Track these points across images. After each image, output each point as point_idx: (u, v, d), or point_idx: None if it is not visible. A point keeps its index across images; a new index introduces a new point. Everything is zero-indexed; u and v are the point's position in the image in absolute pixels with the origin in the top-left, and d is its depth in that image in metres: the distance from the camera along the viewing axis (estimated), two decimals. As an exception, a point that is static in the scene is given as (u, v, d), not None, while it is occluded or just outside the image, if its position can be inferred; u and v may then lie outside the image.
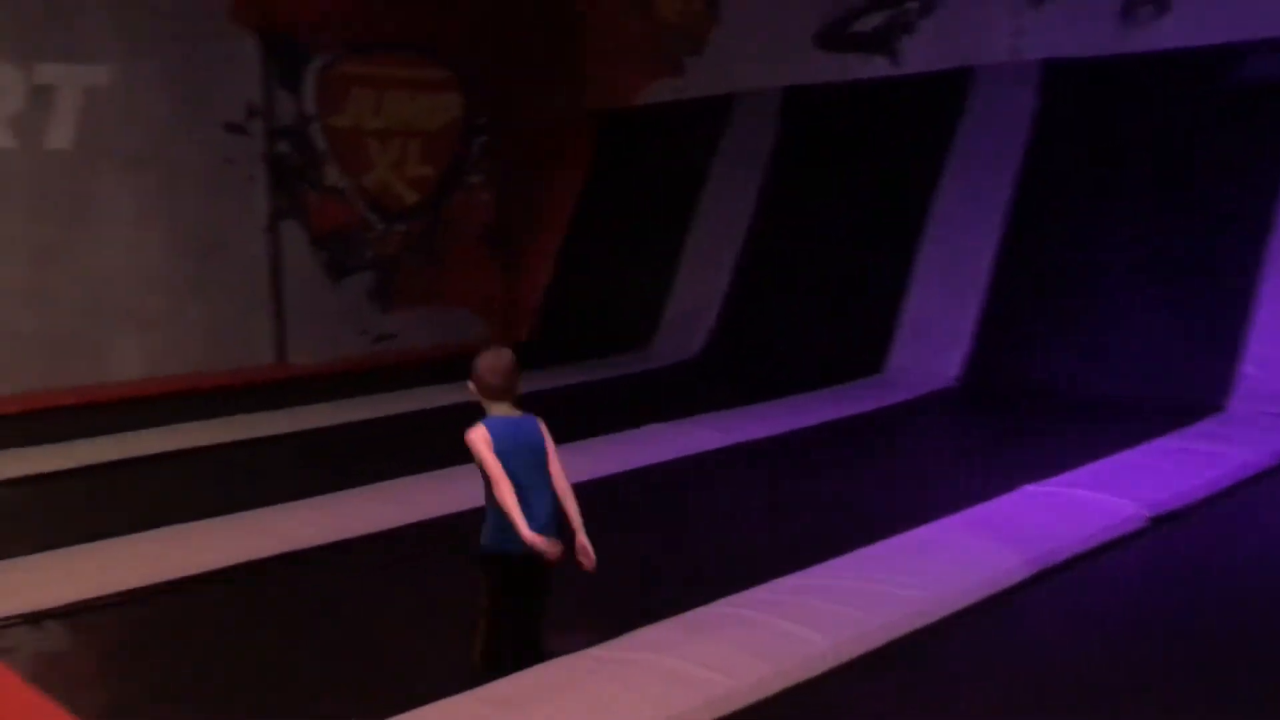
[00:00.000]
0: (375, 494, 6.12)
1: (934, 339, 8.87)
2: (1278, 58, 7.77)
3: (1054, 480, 5.70)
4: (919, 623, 4.09)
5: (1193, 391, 7.47)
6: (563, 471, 3.74)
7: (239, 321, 10.19)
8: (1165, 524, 5.25)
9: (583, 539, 3.67)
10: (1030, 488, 5.63)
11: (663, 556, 5.14)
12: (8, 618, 4.44)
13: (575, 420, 7.88)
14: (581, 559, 3.64)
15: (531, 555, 3.50)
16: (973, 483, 5.93)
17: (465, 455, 5.94)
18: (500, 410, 3.73)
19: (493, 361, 3.72)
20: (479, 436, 3.61)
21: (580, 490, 5.60)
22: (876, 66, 10.09)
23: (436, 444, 7.49)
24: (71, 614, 4.55)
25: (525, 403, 9.07)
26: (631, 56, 12.01)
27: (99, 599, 4.67)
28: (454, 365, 10.29)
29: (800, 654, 3.73)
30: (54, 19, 9.03)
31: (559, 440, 3.82)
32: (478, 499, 3.74)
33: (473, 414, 3.73)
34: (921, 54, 9.77)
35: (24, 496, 6.49)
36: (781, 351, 9.84)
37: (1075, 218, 8.55)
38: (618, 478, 6.39)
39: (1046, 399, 7.89)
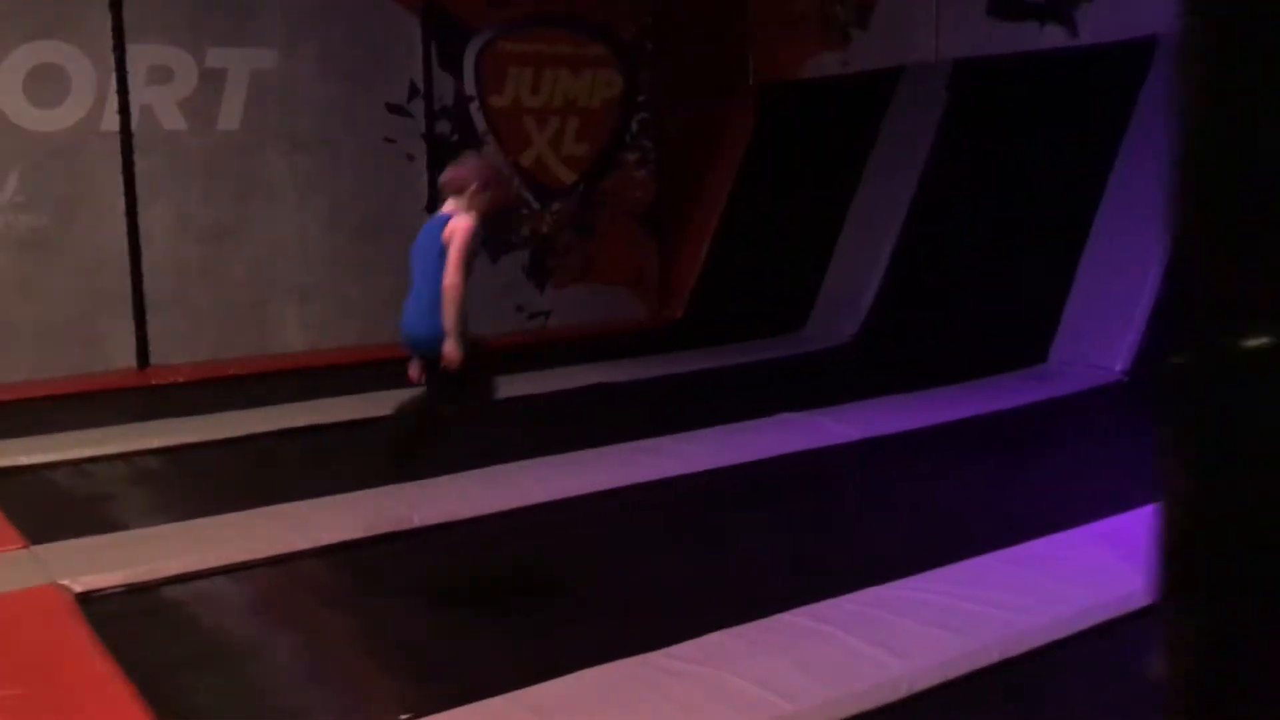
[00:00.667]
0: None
1: (1102, 328, 8.27)
2: None
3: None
4: (1013, 649, 3.76)
5: None
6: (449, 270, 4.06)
7: (399, 299, 10.37)
8: None
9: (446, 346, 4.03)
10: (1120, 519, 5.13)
11: (754, 556, 4.93)
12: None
13: (715, 404, 7.84)
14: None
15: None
16: (1119, 490, 5.48)
17: (611, 434, 6.58)
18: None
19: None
20: None
21: (691, 481, 5.43)
22: (1051, 37, 9.44)
23: (580, 421, 7.76)
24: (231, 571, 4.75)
25: (671, 383, 9.10)
26: (797, 28, 11.67)
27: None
28: (606, 343, 10.62)
29: (870, 679, 3.48)
30: (223, 5, 9.41)
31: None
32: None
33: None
34: (1100, 23, 9.08)
35: (188, 463, 6.74)
36: (940, 336, 9.39)
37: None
38: (736, 469, 6.24)
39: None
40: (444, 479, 5.90)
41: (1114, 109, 8.75)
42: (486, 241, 10.83)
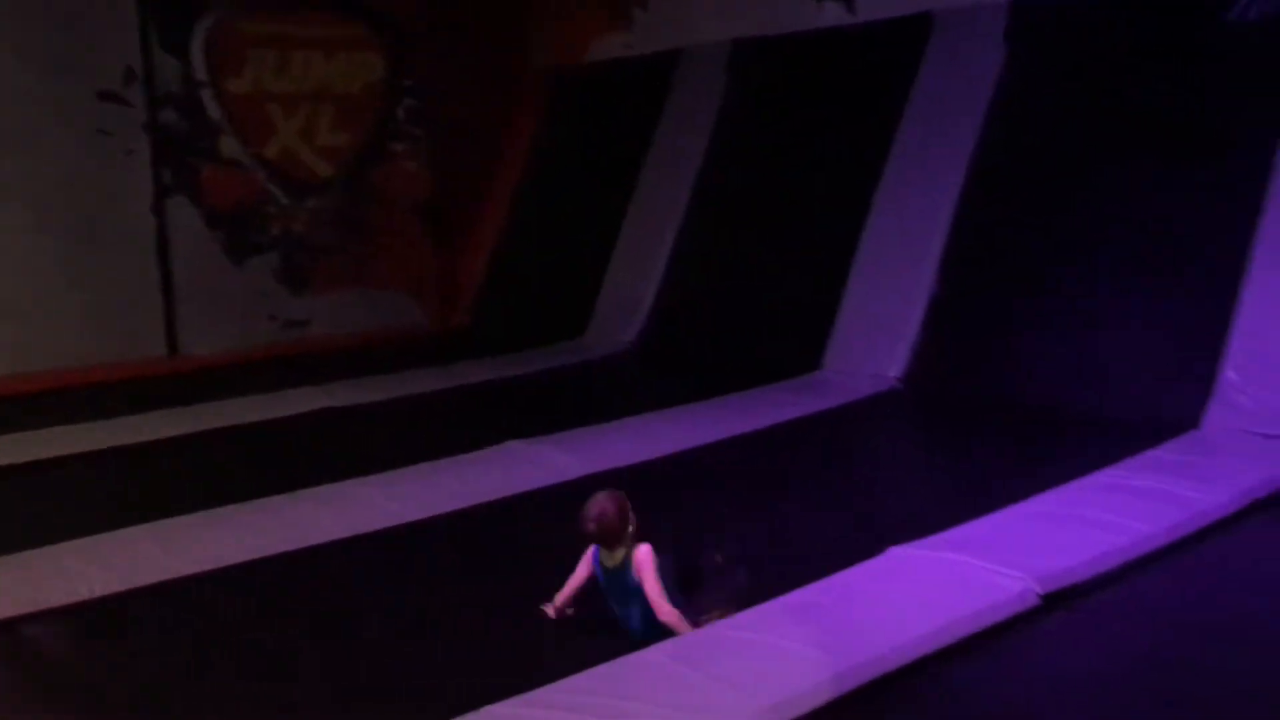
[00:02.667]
0: (279, 506, 5.35)
1: (876, 333, 7.62)
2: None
3: (931, 541, 4.47)
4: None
5: (1164, 403, 6.17)
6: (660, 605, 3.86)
7: (122, 310, 9.23)
8: (1064, 605, 4.03)
9: None
10: (898, 550, 4.42)
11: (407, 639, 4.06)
12: None
13: (449, 430, 6.96)
14: None
15: None
16: (861, 529, 4.80)
17: (393, 458, 5.93)
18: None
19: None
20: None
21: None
22: (831, 14, 8.78)
23: (359, 444, 6.80)
24: None
25: (454, 398, 7.95)
26: (580, 9, 10.81)
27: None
28: (381, 354, 9.63)
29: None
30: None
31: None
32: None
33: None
34: (877, 0, 8.45)
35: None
36: (716, 342, 8.66)
37: (1038, 194, 7.21)
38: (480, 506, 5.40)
39: (992, 408, 6.63)
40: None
41: (891, 92, 8.11)
42: (228, 246, 9.81)
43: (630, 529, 3.98)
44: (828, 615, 3.86)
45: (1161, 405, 6.13)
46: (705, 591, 4.07)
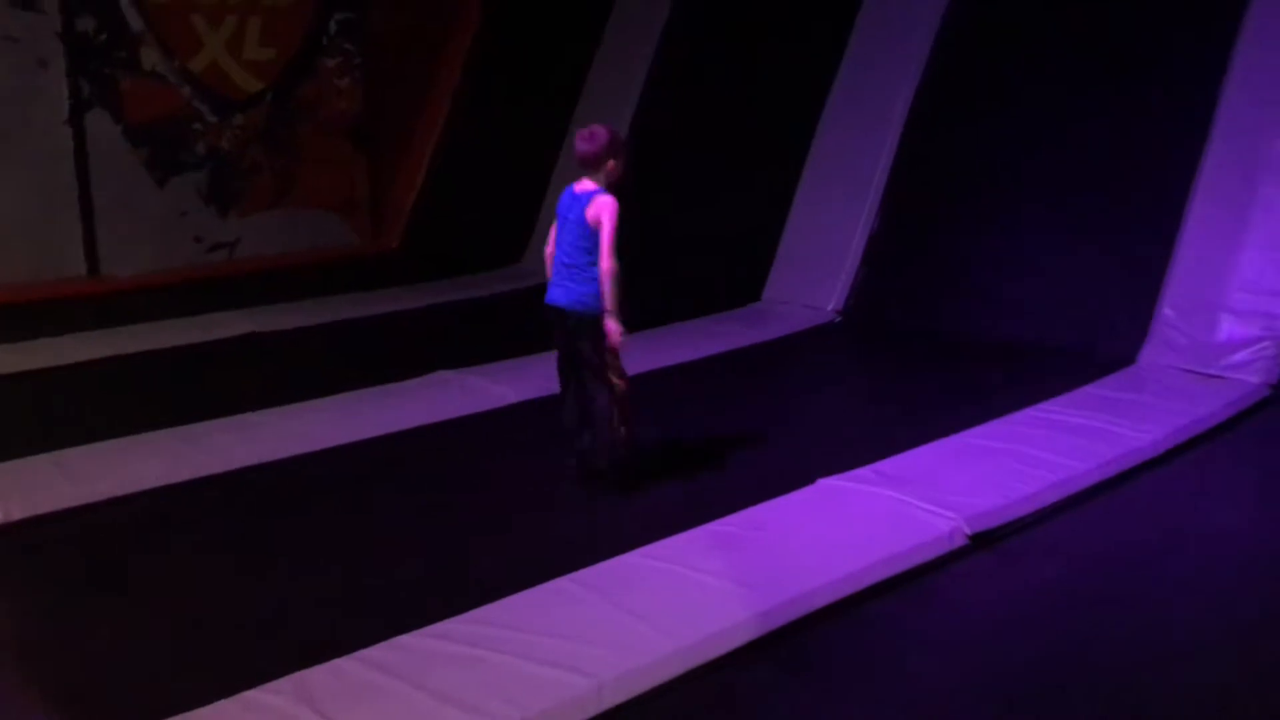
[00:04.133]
0: (210, 432, 5.17)
1: (816, 265, 7.51)
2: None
3: (862, 473, 4.41)
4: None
5: (1100, 339, 6.14)
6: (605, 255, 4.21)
7: (38, 228, 8.84)
8: (992, 544, 3.99)
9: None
10: (828, 481, 4.36)
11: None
12: None
13: (379, 359, 6.78)
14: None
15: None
16: (792, 460, 4.72)
17: (317, 387, 5.84)
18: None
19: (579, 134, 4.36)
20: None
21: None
22: (777, -65, 8.52)
23: (284, 372, 6.58)
24: None
25: (384, 323, 7.68)
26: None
27: None
28: (310, 276, 9.36)
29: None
30: None
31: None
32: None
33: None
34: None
35: None
36: (658, 271, 8.48)
37: (980, 129, 7.08)
38: (406, 433, 5.27)
39: (929, 343, 6.58)
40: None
41: (840, 11, 7.90)
42: (151, 163, 9.42)
43: (611, 164, 4.28)
44: (753, 548, 3.79)
45: (1098, 341, 6.11)
46: None
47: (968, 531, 3.95)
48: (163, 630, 3.51)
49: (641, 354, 6.43)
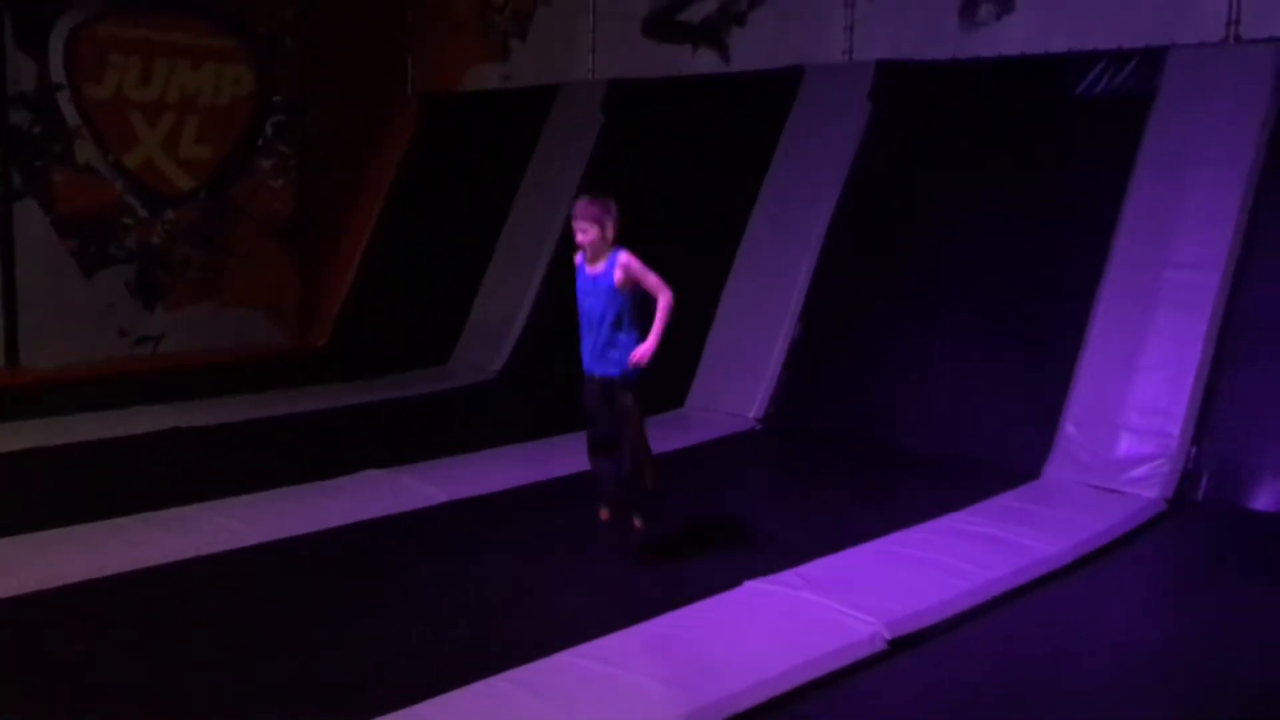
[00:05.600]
0: (133, 527, 5.14)
1: (737, 374, 7.75)
2: (1124, 70, 6.76)
3: (785, 576, 4.57)
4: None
5: (1008, 452, 6.43)
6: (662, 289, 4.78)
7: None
8: (910, 649, 4.15)
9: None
10: (753, 584, 4.50)
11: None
12: None
13: (305, 455, 6.79)
14: None
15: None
16: (716, 563, 4.85)
17: (243, 483, 5.85)
18: None
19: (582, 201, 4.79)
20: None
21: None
22: (704, 62, 8.97)
23: (209, 468, 6.54)
24: None
25: (310, 421, 7.63)
26: (458, 35, 10.80)
27: None
28: (235, 373, 9.33)
29: None
30: None
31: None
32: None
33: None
34: (751, 49, 8.67)
35: None
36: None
37: (896, 247, 7.48)
38: (333, 531, 5.29)
39: (848, 450, 6.82)
40: None
41: (762, 137, 8.31)
42: (80, 255, 9.41)
43: (611, 225, 4.66)
44: (681, 649, 3.90)
45: (1007, 453, 6.40)
46: None
47: (887, 636, 4.11)
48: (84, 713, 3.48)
49: (569, 459, 6.59)
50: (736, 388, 7.72)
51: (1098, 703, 3.82)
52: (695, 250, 8.47)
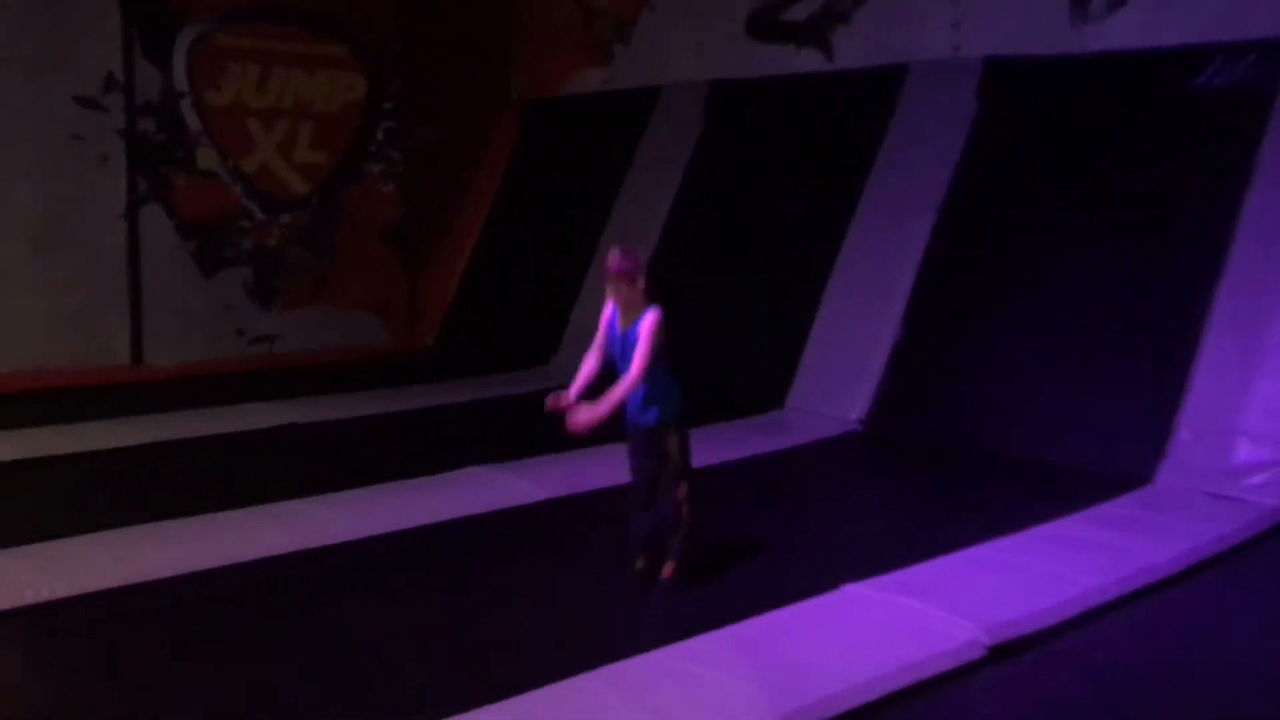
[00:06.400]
0: (245, 520, 5.32)
1: (839, 375, 7.69)
2: (1242, 65, 6.52)
3: (884, 580, 4.52)
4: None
5: (1118, 457, 6.25)
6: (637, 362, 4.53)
7: (88, 316, 9.17)
8: (1010, 656, 4.07)
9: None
10: (852, 588, 4.47)
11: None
12: None
13: (410, 452, 6.95)
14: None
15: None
16: (815, 566, 4.83)
17: (350, 479, 6.00)
18: None
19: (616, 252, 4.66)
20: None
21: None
22: (807, 61, 8.91)
23: (320, 463, 6.78)
24: None
25: (416, 419, 7.81)
26: (560, 42, 10.91)
27: None
28: (345, 372, 9.60)
29: None
30: None
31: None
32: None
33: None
34: (855, 47, 8.58)
35: None
36: (684, 376, 8.69)
37: (1006, 243, 7.32)
38: (436, 526, 5.41)
39: (950, 454, 6.71)
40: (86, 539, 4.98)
41: (865, 138, 8.23)
42: (200, 258, 9.77)
43: (641, 280, 4.57)
44: (774, 651, 3.89)
45: (1117, 459, 6.22)
46: None
47: (986, 642, 4.04)
48: (187, 707, 3.63)
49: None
50: (838, 390, 7.66)
51: (1203, 716, 3.70)
52: (796, 250, 8.45)
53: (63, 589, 4.46)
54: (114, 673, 3.95)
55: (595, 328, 10.12)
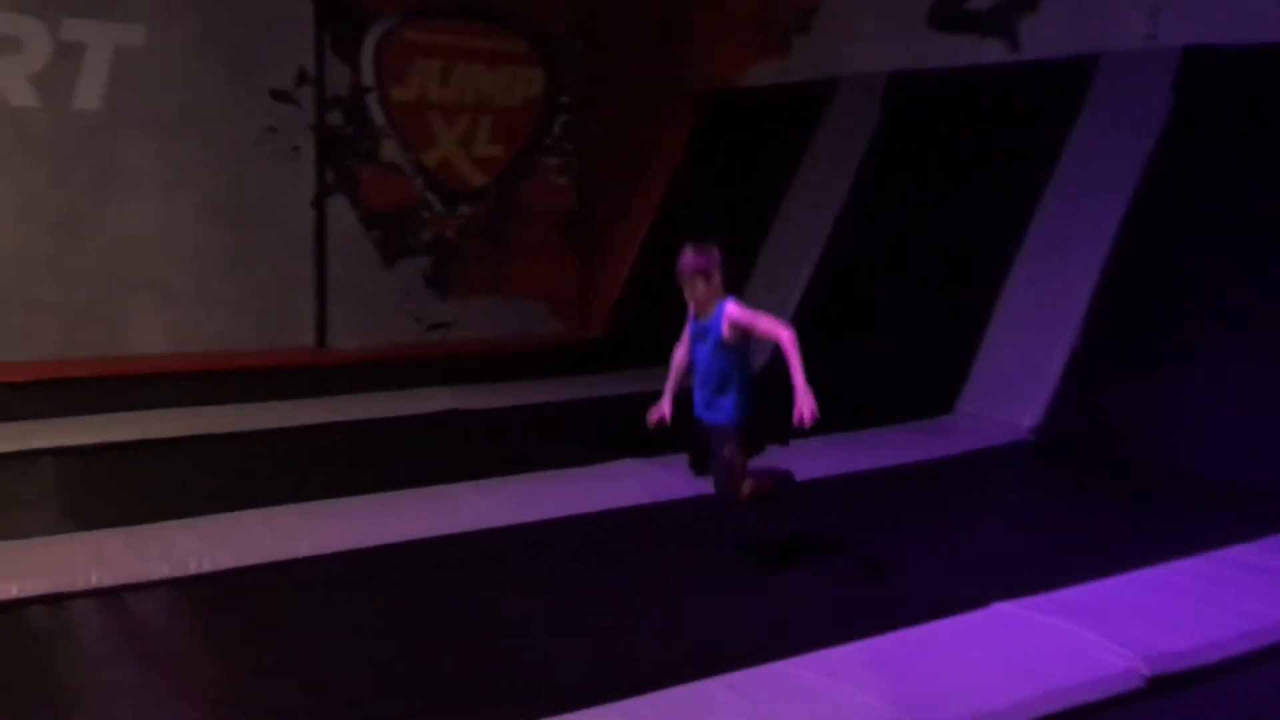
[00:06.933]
0: (401, 502, 5.51)
1: (1013, 381, 7.34)
2: None
3: (1038, 601, 4.27)
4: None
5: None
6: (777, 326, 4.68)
7: (276, 301, 9.64)
8: (1171, 690, 3.78)
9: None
10: (1003, 606, 4.24)
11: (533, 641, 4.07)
12: None
13: (572, 441, 7.01)
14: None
15: None
16: (966, 580, 4.62)
17: (515, 464, 6.20)
18: None
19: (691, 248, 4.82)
20: None
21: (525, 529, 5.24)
22: (991, 52, 8.53)
23: (488, 448, 6.99)
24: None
25: (579, 410, 8.04)
26: (737, 33, 10.81)
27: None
28: (514, 360, 9.80)
29: None
30: (82, -28, 8.64)
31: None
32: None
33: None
34: (1043, 37, 8.17)
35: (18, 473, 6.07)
36: (847, 375, 8.47)
37: (1196, 249, 6.83)
38: (564, 521, 5.43)
39: (1126, 469, 6.31)
40: (263, 513, 5.23)
41: (1050, 134, 7.83)
42: (381, 244, 10.13)
43: (718, 276, 4.65)
44: (910, 668, 3.72)
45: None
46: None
47: (1145, 673, 3.76)
48: (336, 680, 3.73)
49: (824, 459, 6.48)
50: (1010, 396, 7.31)
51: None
52: (971, 250, 8.11)
53: (225, 560, 4.68)
54: (270, 643, 4.11)
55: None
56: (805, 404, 4.42)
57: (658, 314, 10.51)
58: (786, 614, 4.38)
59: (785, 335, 4.51)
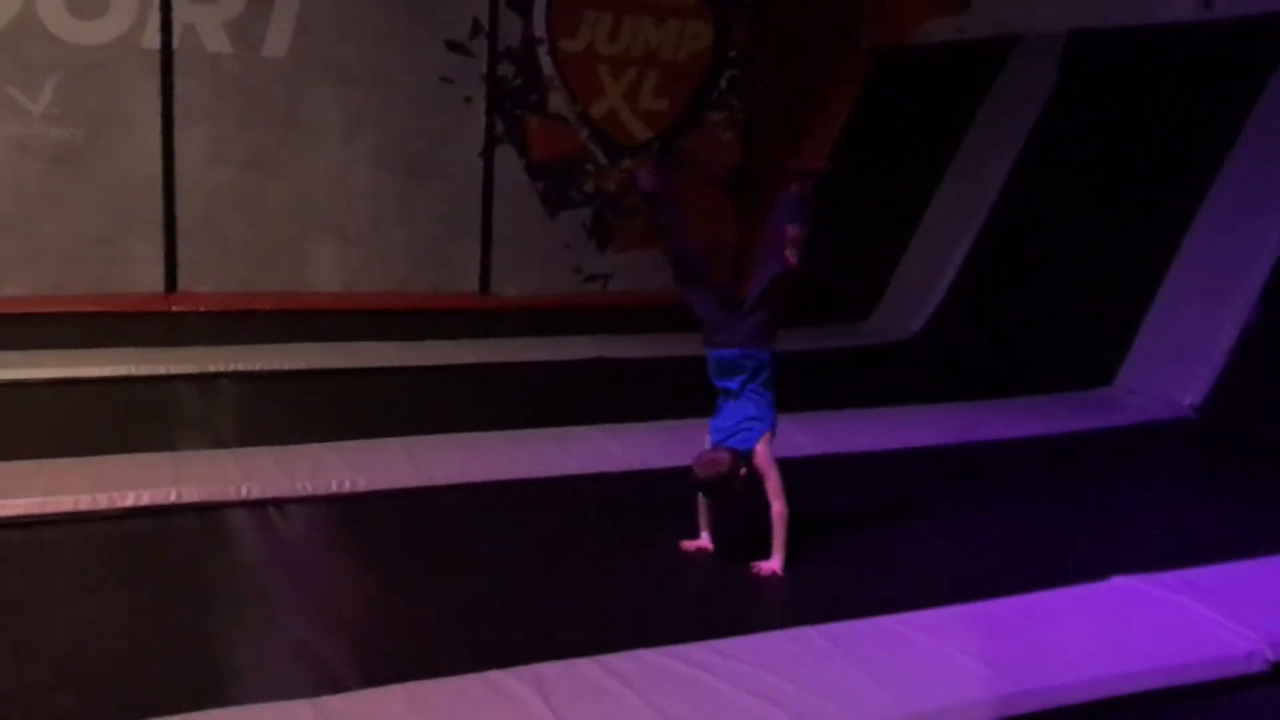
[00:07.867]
0: (528, 440, 5.72)
1: (1178, 355, 7.01)
2: None
3: (1163, 577, 4.11)
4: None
5: None
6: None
7: (444, 246, 10.00)
8: (1299, 675, 3.60)
9: None
10: (1124, 580, 4.10)
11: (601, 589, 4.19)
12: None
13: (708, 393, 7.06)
14: None
15: None
16: (1094, 553, 4.51)
17: (666, 409, 6.32)
18: None
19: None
20: None
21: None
22: (1181, 8, 8.07)
23: (636, 393, 7.16)
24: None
25: (679, 365, 8.18)
26: (916, -11, 10.52)
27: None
28: (668, 313, 9.87)
29: None
30: (273, -75, 9.06)
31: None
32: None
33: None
34: (1238, -7, 7.68)
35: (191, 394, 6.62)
36: (1005, 341, 8.26)
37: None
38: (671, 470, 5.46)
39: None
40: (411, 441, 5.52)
41: (1237, 98, 7.38)
42: (545, 198, 10.33)
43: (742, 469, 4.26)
44: (1015, 632, 3.66)
45: None
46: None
47: (1270, 657, 3.59)
48: (448, 604, 3.92)
49: (979, 425, 6.36)
50: (1175, 371, 6.99)
51: None
52: (1143, 217, 7.75)
53: (364, 484, 4.95)
54: (413, 560, 4.33)
55: (918, 287, 9.83)
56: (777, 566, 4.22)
57: (812, 272, 10.49)
58: (899, 575, 4.35)
59: (777, 510, 4.25)
